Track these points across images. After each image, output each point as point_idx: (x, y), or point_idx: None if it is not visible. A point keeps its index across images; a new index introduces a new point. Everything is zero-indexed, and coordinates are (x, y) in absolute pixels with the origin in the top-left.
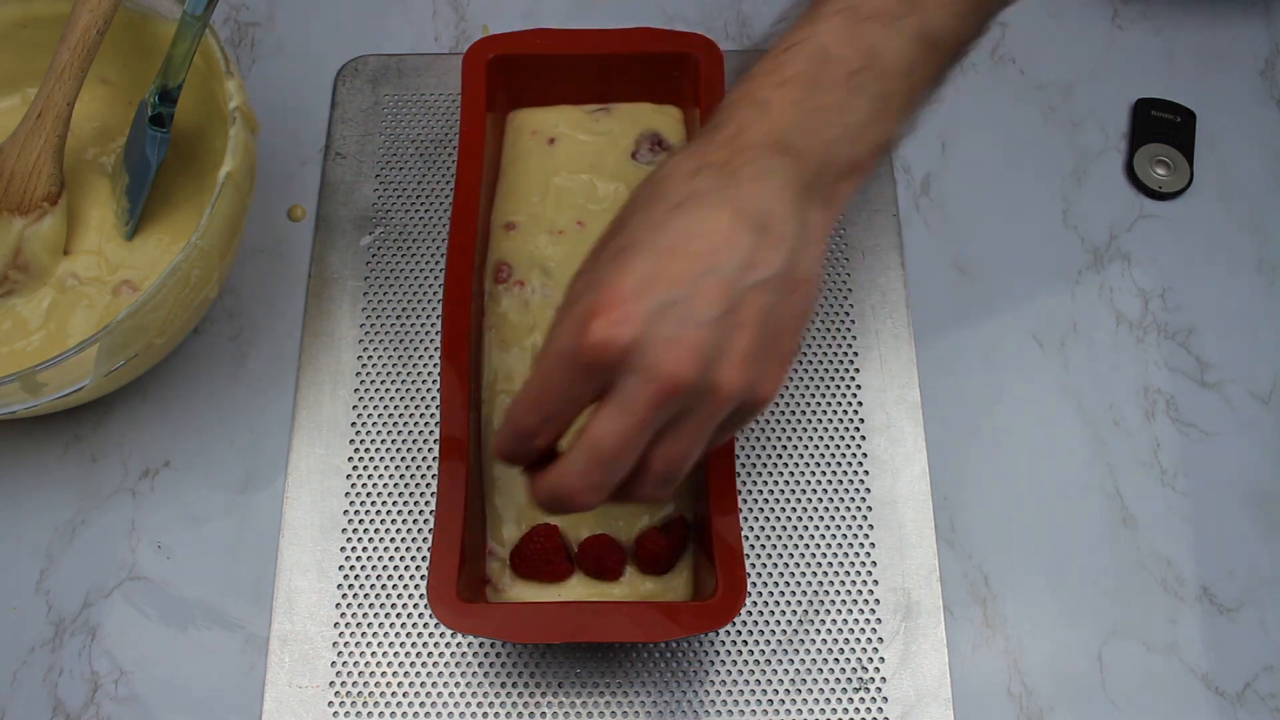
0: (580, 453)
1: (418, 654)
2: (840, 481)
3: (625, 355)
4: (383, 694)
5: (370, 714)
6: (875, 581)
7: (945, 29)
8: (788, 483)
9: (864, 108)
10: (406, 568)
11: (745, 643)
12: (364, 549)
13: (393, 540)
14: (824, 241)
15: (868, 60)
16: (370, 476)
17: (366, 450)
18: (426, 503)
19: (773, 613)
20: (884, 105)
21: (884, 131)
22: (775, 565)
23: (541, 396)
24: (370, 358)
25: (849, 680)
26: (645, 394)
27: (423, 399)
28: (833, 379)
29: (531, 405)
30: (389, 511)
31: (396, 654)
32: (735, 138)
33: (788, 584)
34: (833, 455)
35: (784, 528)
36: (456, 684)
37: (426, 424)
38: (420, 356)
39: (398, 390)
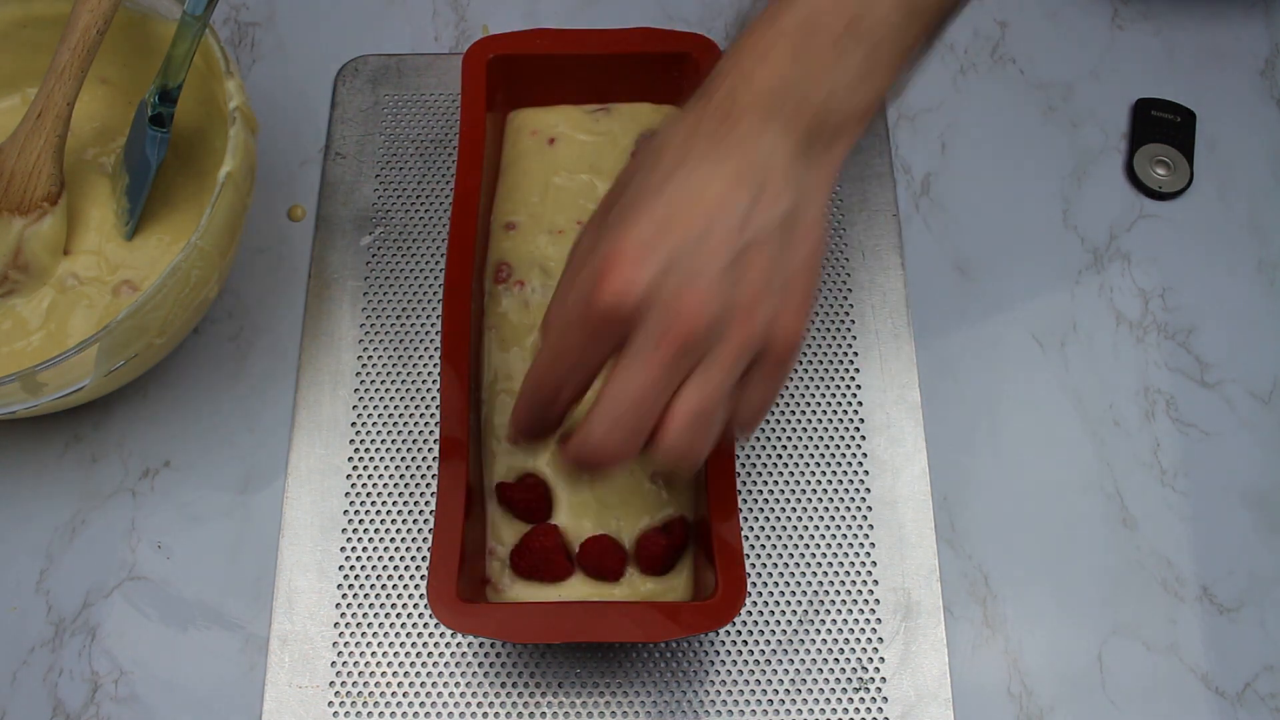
0: (603, 407)
1: (418, 654)
2: (840, 481)
3: (637, 309)
4: (383, 694)
5: (370, 714)
6: (875, 581)
7: None
8: (788, 483)
9: (853, 67)
10: (406, 568)
11: (745, 643)
12: (364, 549)
13: (393, 540)
14: (824, 198)
15: (853, 23)
16: (370, 476)
17: (366, 450)
18: (426, 503)
19: (773, 613)
20: (870, 66)
21: (874, 90)
22: (775, 565)
23: (556, 360)
24: (370, 358)
25: (849, 680)
26: (662, 342)
27: (423, 399)
28: (833, 379)
29: (547, 371)
30: (389, 511)
31: (396, 654)
32: (728, 99)
33: (788, 584)
34: (833, 455)
35: (784, 528)
36: (456, 684)
37: (426, 424)
38: (420, 356)
39: (398, 390)
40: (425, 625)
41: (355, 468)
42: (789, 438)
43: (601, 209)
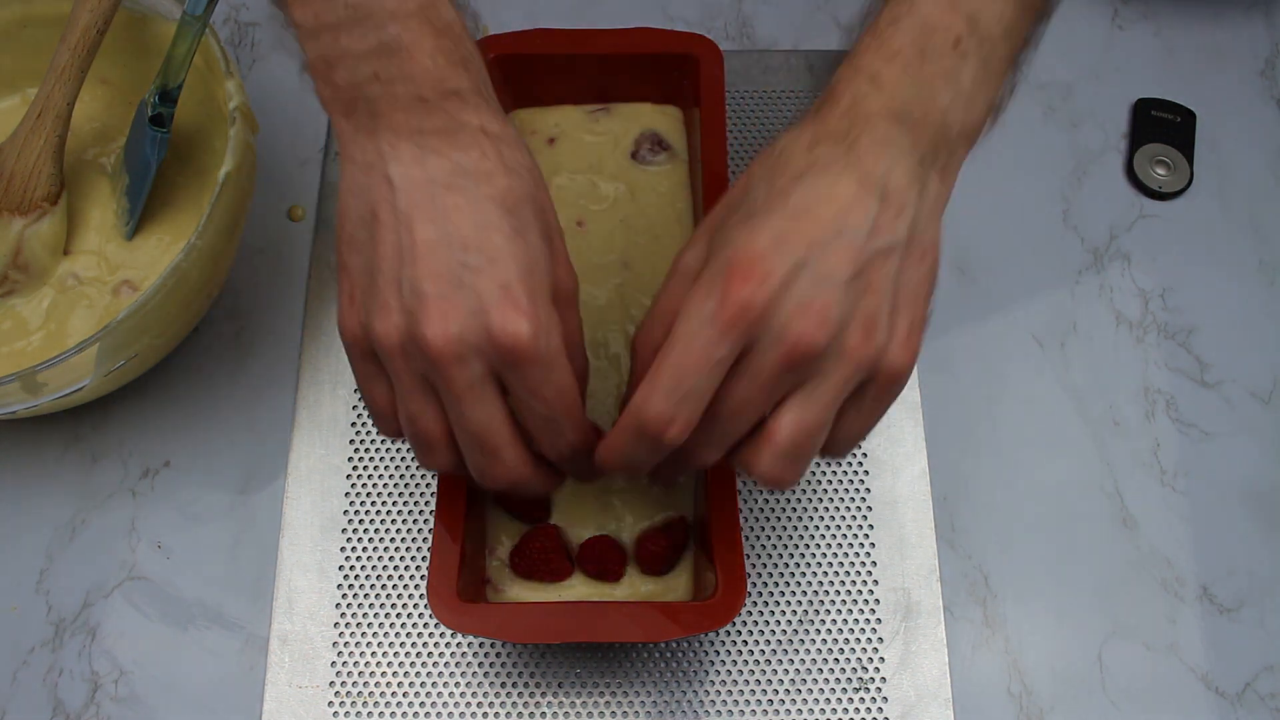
0: (707, 415)
1: (418, 654)
2: (840, 481)
3: (764, 315)
4: (383, 694)
5: (370, 714)
6: (875, 581)
7: None
8: None
9: (971, 74)
10: (406, 568)
11: (745, 643)
12: (364, 549)
13: (393, 540)
14: (941, 212)
15: (969, 26)
16: (370, 476)
17: (366, 450)
18: (426, 503)
19: (773, 613)
20: (988, 69)
21: (991, 95)
22: (775, 565)
23: (681, 370)
24: None
25: (849, 680)
26: (774, 357)
27: None
28: None
29: (669, 385)
30: (389, 511)
31: (396, 654)
32: (852, 109)
33: (788, 584)
34: None
35: (784, 528)
36: (456, 684)
37: None
38: None
39: None
40: (425, 625)
41: (355, 468)
42: None
43: (712, 218)
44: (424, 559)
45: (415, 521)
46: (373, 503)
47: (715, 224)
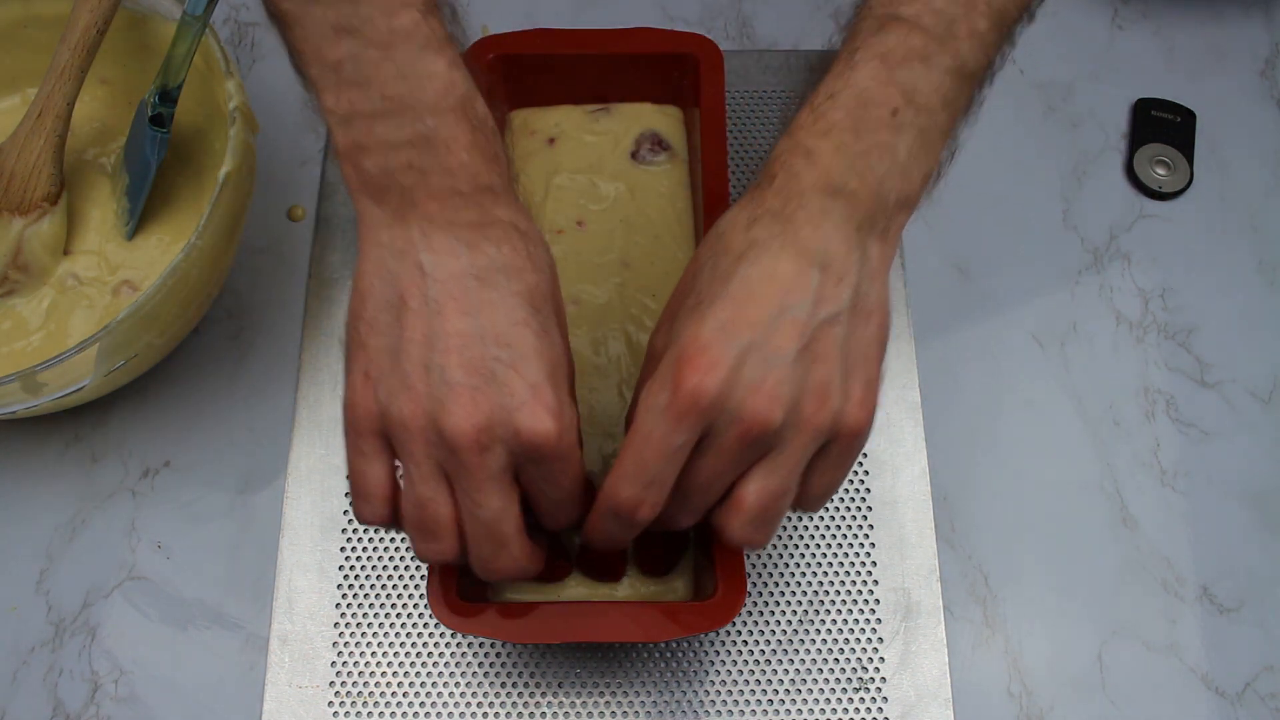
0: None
1: (418, 654)
2: None
3: (716, 401)
4: (383, 694)
5: (370, 714)
6: (875, 581)
7: (975, 60)
8: None
9: (907, 144)
10: (406, 568)
11: (745, 643)
12: (364, 549)
13: (393, 540)
14: (886, 273)
15: (906, 99)
16: None
17: None
18: None
19: (773, 613)
20: (926, 139)
21: (929, 163)
22: (775, 565)
23: (643, 459)
24: None
25: (849, 680)
26: (732, 436)
27: None
28: None
29: (633, 473)
30: None
31: (396, 654)
32: (786, 186)
33: (788, 584)
34: None
35: (784, 528)
36: (456, 684)
37: None
38: None
39: None
40: (425, 625)
41: None
42: None
43: (672, 304)
44: None
45: None
46: None
47: (674, 311)
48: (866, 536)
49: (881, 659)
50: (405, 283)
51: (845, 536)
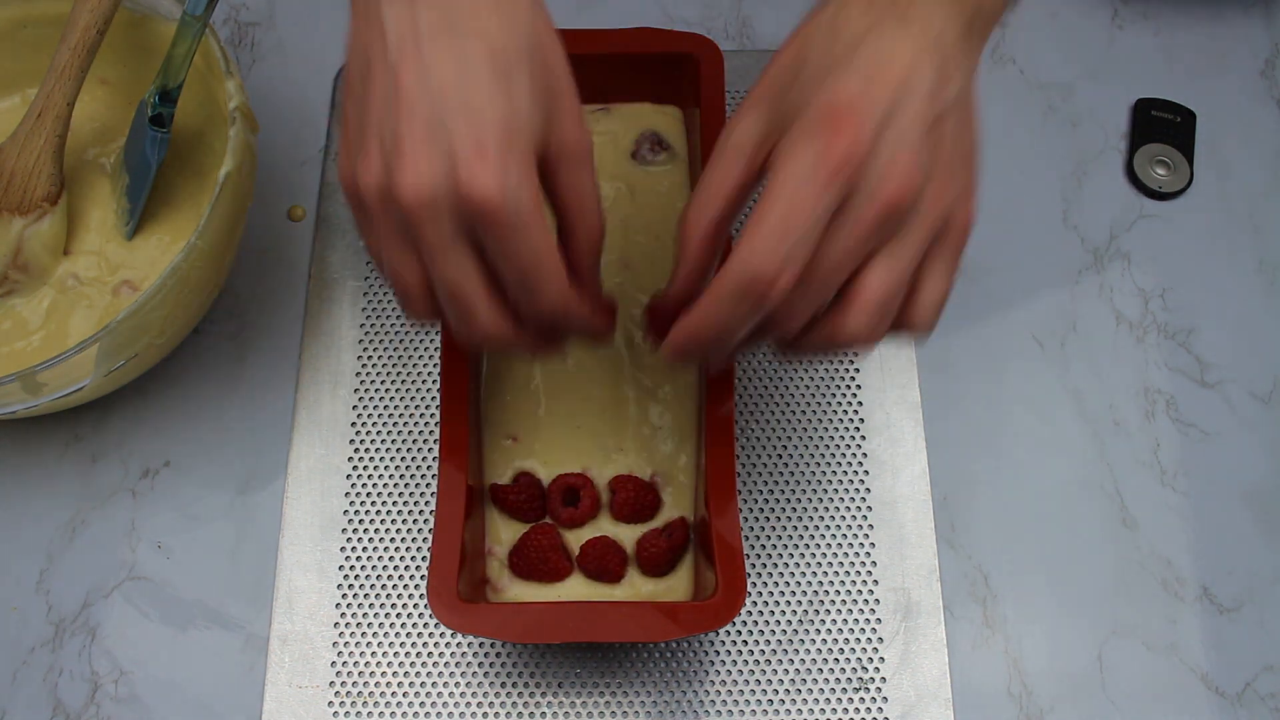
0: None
1: (418, 654)
2: (840, 481)
3: (862, 166)
4: (383, 694)
5: (370, 714)
6: (875, 581)
7: None
8: (788, 483)
9: None
10: (406, 568)
11: (745, 643)
12: (364, 549)
13: (393, 540)
14: (975, 84)
15: None
16: (370, 476)
17: (366, 450)
18: (426, 503)
19: (773, 613)
20: None
21: None
22: (775, 565)
23: (788, 222)
24: (370, 358)
25: (849, 680)
26: (871, 210)
27: (423, 399)
28: (833, 379)
29: (778, 237)
30: (389, 511)
31: (396, 654)
32: None
33: (788, 584)
34: (833, 455)
35: (784, 528)
36: (456, 684)
37: (426, 424)
38: (420, 356)
39: (398, 390)
40: (425, 625)
41: (355, 468)
42: (789, 438)
43: (767, 85)
44: (424, 559)
45: (415, 521)
46: (373, 503)
47: (771, 93)
48: (866, 536)
49: (881, 659)
50: (371, 48)
51: (845, 536)
